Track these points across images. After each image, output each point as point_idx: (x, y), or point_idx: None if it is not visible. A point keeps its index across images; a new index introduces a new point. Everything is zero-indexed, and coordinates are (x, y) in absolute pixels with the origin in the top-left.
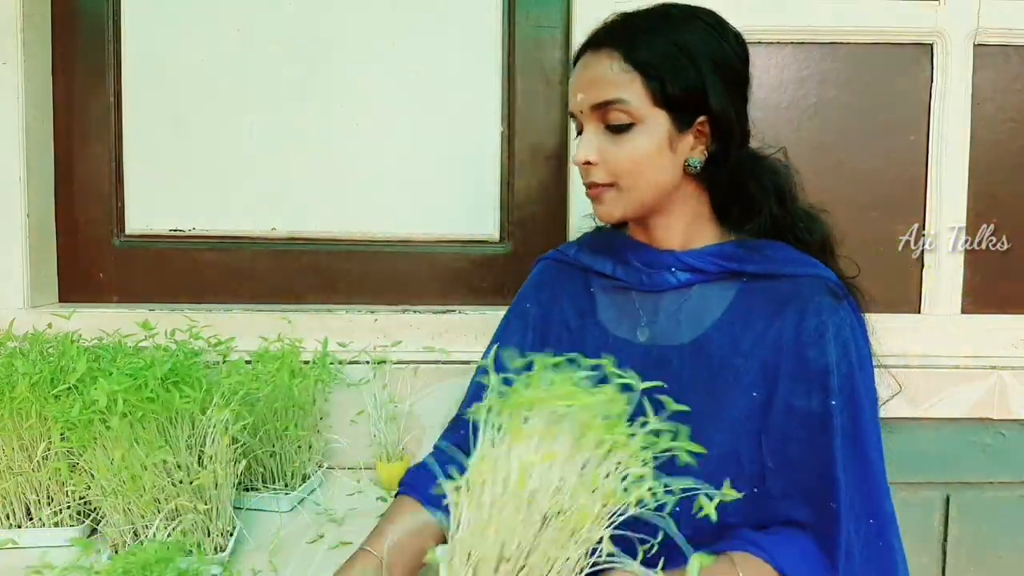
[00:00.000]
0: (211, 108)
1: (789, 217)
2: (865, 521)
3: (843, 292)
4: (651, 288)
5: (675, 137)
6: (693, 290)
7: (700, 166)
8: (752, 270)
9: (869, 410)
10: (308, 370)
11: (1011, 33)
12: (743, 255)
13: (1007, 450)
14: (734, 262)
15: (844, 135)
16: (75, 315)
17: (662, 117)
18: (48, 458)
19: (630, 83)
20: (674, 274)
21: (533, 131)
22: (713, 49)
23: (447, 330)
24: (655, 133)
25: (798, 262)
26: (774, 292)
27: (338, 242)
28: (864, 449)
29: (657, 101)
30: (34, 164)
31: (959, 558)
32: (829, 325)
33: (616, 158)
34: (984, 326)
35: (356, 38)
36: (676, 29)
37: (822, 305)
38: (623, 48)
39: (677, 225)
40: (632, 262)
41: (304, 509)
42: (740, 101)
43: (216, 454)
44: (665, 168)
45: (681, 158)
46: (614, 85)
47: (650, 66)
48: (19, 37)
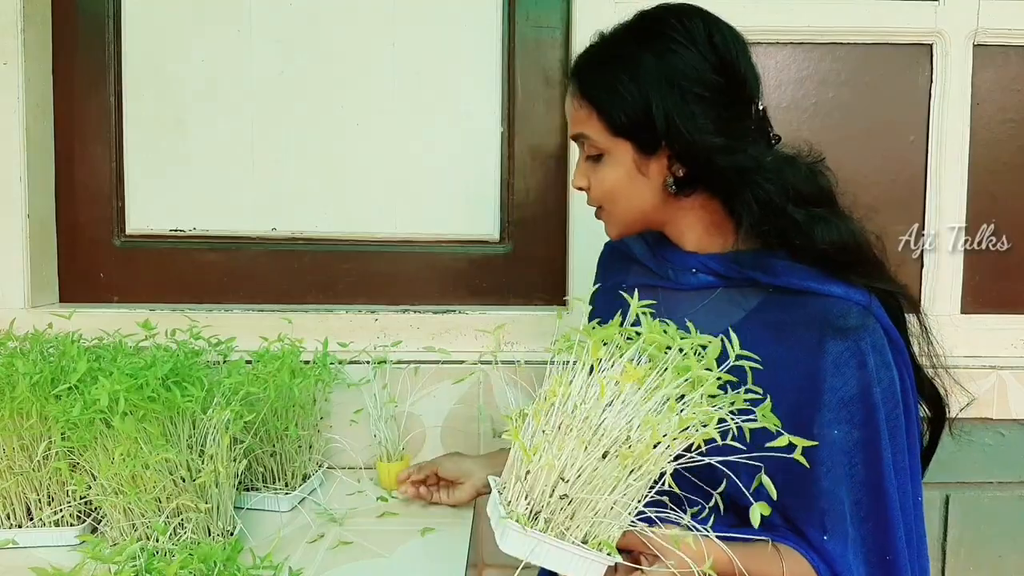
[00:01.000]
0: (211, 108)
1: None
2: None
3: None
4: (676, 285)
5: (642, 162)
6: (715, 293)
7: (675, 187)
8: (768, 282)
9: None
10: (308, 370)
11: (1011, 33)
12: (757, 264)
13: (1007, 450)
14: (749, 269)
15: (844, 135)
16: (75, 315)
17: (624, 145)
18: (49, 458)
19: (588, 118)
20: (695, 275)
21: (533, 131)
22: (669, 67)
23: (447, 330)
24: (620, 162)
25: (818, 279)
26: (794, 309)
27: (338, 242)
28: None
29: (613, 131)
30: (34, 164)
31: (959, 558)
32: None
33: (596, 186)
34: (984, 326)
35: (356, 38)
36: (628, 53)
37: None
38: (578, 83)
39: (690, 234)
40: (660, 256)
41: (304, 509)
42: (716, 111)
43: (217, 454)
44: (640, 192)
45: (658, 179)
46: (577, 121)
47: (599, 99)
48: (19, 37)
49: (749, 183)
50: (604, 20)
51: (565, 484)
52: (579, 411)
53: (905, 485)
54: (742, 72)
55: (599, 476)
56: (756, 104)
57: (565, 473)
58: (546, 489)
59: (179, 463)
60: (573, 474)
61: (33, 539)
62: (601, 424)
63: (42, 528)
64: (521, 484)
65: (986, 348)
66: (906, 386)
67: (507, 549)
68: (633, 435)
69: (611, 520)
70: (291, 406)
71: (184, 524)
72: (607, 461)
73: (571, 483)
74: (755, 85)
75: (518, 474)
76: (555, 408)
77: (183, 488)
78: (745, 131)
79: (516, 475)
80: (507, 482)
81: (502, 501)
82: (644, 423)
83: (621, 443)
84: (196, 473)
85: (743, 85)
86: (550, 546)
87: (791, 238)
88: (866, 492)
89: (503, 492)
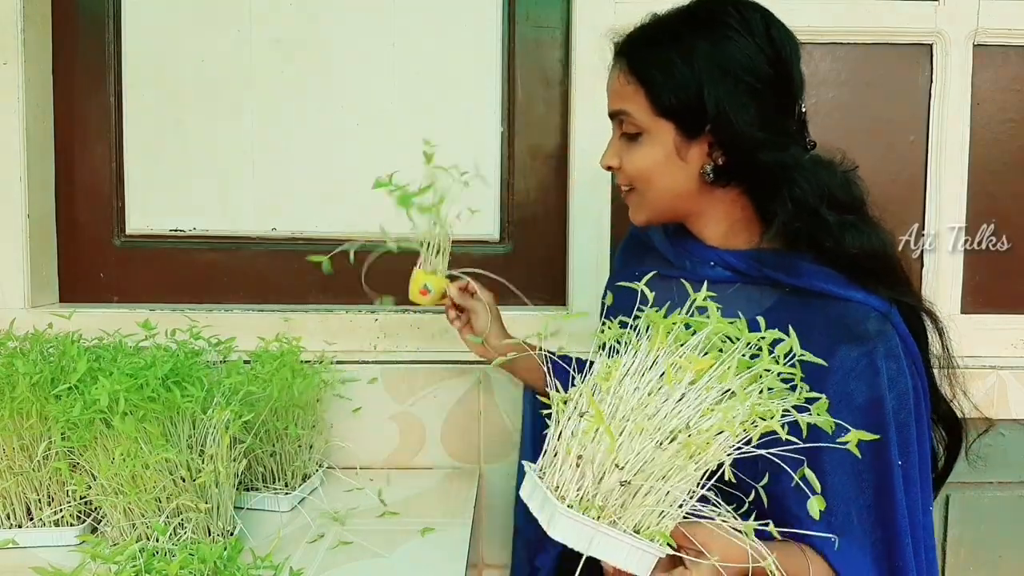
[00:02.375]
0: (211, 108)
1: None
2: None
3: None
4: (692, 276)
5: (683, 146)
6: (733, 288)
7: (712, 175)
8: (789, 282)
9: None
10: (308, 370)
11: (1011, 33)
12: (779, 263)
13: (1007, 450)
14: (768, 268)
15: (844, 135)
16: (75, 315)
17: (667, 127)
18: (49, 458)
19: (633, 94)
20: (713, 268)
21: (533, 131)
22: (725, 54)
23: (447, 330)
24: (661, 143)
25: (838, 282)
26: (810, 311)
27: (338, 242)
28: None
29: (659, 112)
30: (34, 164)
31: (959, 558)
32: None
33: (630, 164)
34: (984, 326)
35: (356, 38)
36: (685, 36)
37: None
38: (628, 58)
39: (714, 227)
40: (679, 247)
41: (304, 509)
42: (764, 104)
43: (217, 453)
44: (676, 176)
45: (695, 166)
46: (620, 96)
47: (649, 78)
48: (19, 37)
49: (787, 181)
50: (604, 20)
51: (620, 471)
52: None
53: (915, 495)
54: (793, 70)
55: (655, 465)
56: (800, 105)
57: (620, 460)
58: (600, 476)
59: (179, 463)
60: (631, 462)
61: (33, 539)
62: (659, 412)
63: (42, 528)
64: (572, 470)
65: (986, 348)
66: (919, 398)
67: (558, 536)
68: (693, 424)
69: (663, 510)
70: (291, 406)
71: (184, 524)
72: (663, 450)
73: (627, 471)
74: (800, 86)
75: (566, 459)
76: (610, 394)
77: (183, 488)
78: (788, 129)
79: (563, 460)
80: (546, 466)
81: (548, 486)
82: (707, 412)
83: (680, 432)
84: (196, 473)
85: (792, 83)
86: (604, 535)
87: (821, 240)
88: (875, 499)
89: (544, 477)
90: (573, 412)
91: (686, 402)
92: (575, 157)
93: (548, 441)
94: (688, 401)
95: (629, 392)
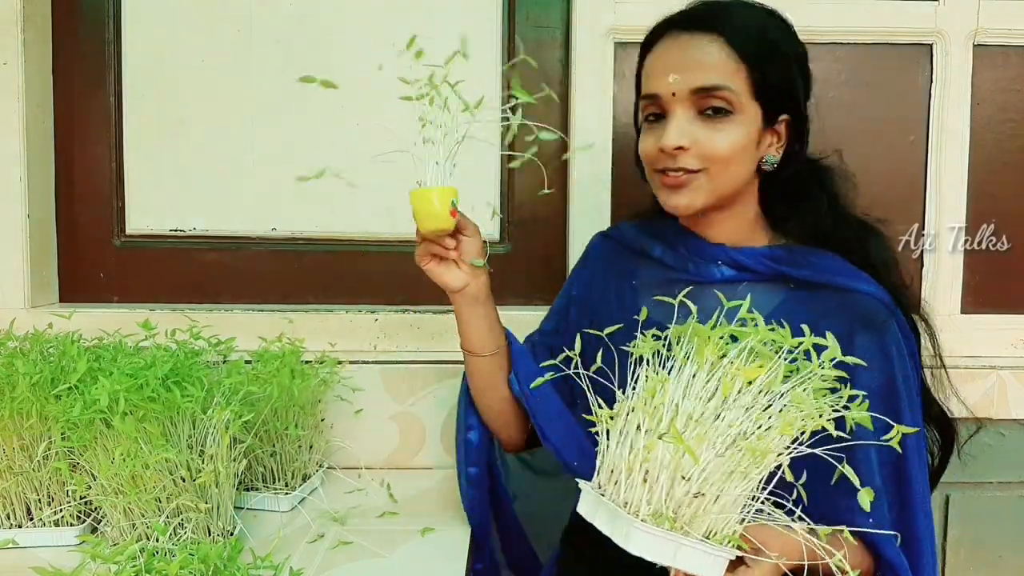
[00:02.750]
0: (211, 108)
1: (841, 225)
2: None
3: (890, 311)
4: (696, 279)
5: (761, 132)
6: (740, 288)
7: (775, 164)
8: (800, 276)
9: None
10: (309, 370)
11: (1011, 33)
12: (792, 260)
13: (1006, 450)
14: (784, 265)
15: (844, 135)
16: (75, 315)
17: (756, 110)
18: (49, 458)
19: (736, 72)
20: (720, 267)
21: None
22: (795, 48)
23: (447, 330)
24: (749, 125)
25: (847, 274)
26: (821, 303)
27: (338, 242)
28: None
29: (755, 94)
30: (34, 164)
31: (959, 558)
32: (872, 345)
33: (712, 145)
34: (984, 326)
35: (356, 38)
36: (768, 24)
37: (868, 324)
38: (728, 35)
39: (733, 223)
40: (680, 249)
41: (304, 509)
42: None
43: (217, 453)
44: (748, 162)
45: (760, 154)
46: (719, 71)
47: (754, 57)
48: (19, 37)
49: (823, 180)
50: (604, 20)
51: (687, 482)
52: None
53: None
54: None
55: (719, 472)
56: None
57: (686, 472)
58: (668, 488)
59: (179, 463)
60: (696, 472)
61: (33, 539)
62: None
63: (42, 528)
64: (641, 485)
65: (986, 348)
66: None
67: (637, 551)
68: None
69: (729, 514)
70: (291, 406)
71: (184, 524)
72: (725, 458)
73: (695, 481)
74: None
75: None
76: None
77: (183, 488)
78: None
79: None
80: (604, 482)
81: (616, 502)
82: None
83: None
84: (196, 473)
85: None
86: (682, 545)
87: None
88: (892, 480)
89: (606, 494)
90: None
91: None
92: (575, 157)
93: (601, 457)
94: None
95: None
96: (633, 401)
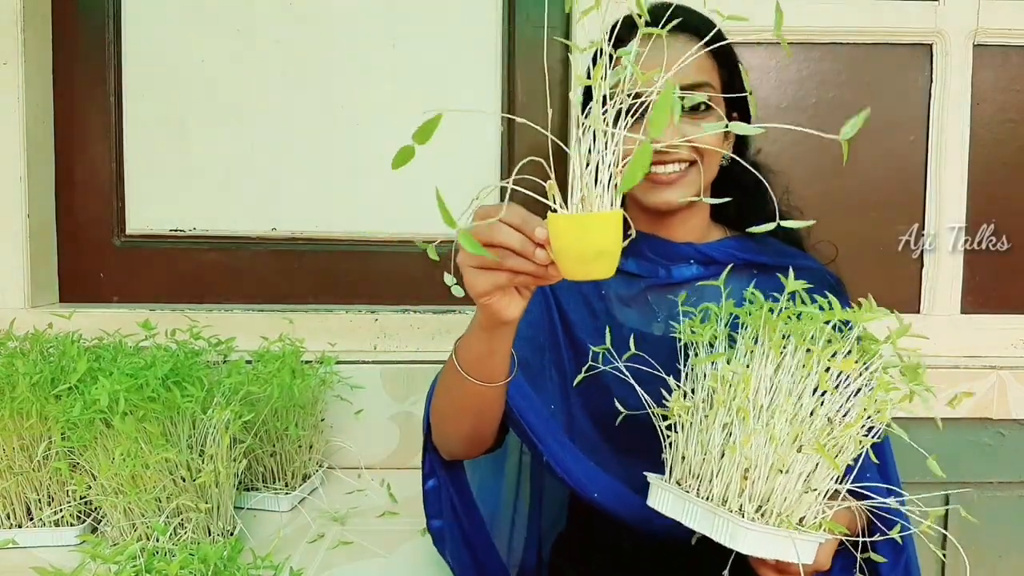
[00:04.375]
0: (211, 108)
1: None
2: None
3: (835, 278)
4: (667, 281)
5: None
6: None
7: (729, 161)
8: (761, 262)
9: None
10: (309, 370)
11: (1010, 33)
12: (755, 248)
13: (1006, 450)
14: (748, 254)
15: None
16: (75, 315)
17: (724, 107)
18: (49, 458)
19: (712, 70)
20: (691, 265)
21: (533, 131)
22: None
23: (447, 330)
24: (722, 120)
25: (795, 255)
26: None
27: (338, 242)
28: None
29: (724, 90)
30: (35, 164)
31: (959, 558)
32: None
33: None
34: (984, 326)
35: (356, 38)
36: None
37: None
38: (702, 36)
39: (696, 221)
40: (647, 254)
41: (304, 509)
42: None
43: (217, 453)
44: (719, 156)
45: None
46: (700, 69)
47: (723, 57)
48: (19, 37)
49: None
50: (604, 21)
51: (784, 475)
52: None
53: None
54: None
55: (810, 463)
56: None
57: (783, 465)
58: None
59: (179, 463)
60: (791, 464)
61: (33, 539)
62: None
63: (42, 528)
64: (737, 483)
65: (986, 348)
66: None
67: (747, 550)
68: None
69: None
70: (291, 406)
71: (184, 524)
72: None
73: (791, 474)
74: None
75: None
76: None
77: (183, 488)
78: None
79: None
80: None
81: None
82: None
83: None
84: (196, 473)
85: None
86: (786, 538)
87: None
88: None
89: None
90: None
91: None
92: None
93: (673, 449)
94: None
95: (762, 396)
96: (705, 393)
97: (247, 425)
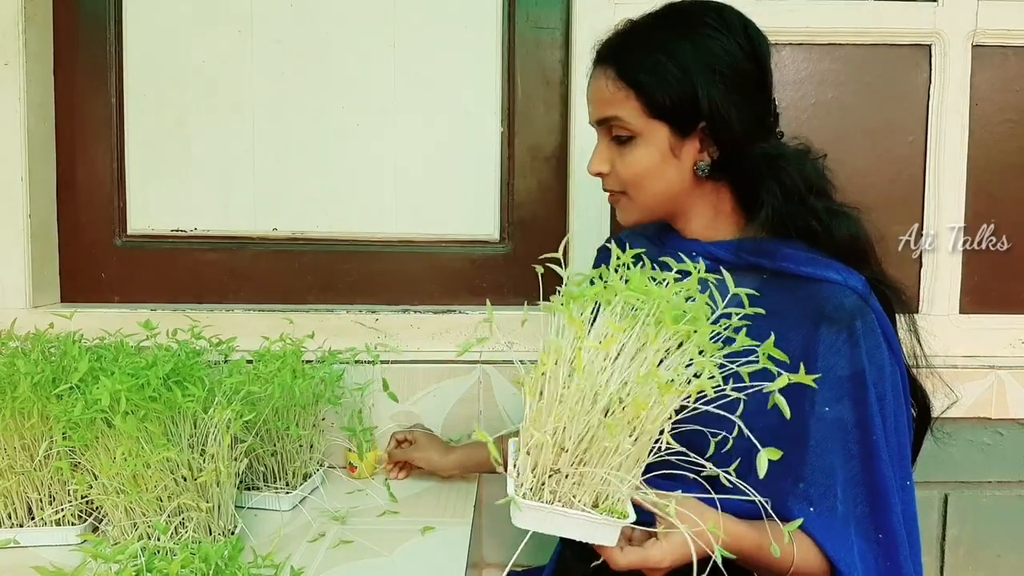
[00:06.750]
0: (211, 108)
1: (809, 214)
2: (875, 536)
3: (862, 298)
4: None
5: (677, 145)
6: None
7: (707, 169)
8: (770, 266)
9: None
10: (309, 370)
11: (1009, 34)
12: (761, 250)
13: (1005, 449)
14: (753, 256)
15: (843, 135)
16: (77, 315)
17: (660, 128)
18: (50, 457)
19: (625, 99)
20: (696, 260)
21: (533, 131)
22: (710, 53)
23: (447, 330)
24: (655, 144)
25: (816, 264)
26: (791, 292)
27: (338, 242)
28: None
29: (652, 114)
30: (36, 164)
31: (958, 558)
32: (837, 337)
33: (624, 168)
34: (983, 326)
35: (356, 39)
36: (669, 38)
37: (834, 314)
38: (616, 64)
39: (699, 220)
40: (661, 245)
41: (305, 508)
42: (748, 99)
43: (218, 453)
44: (670, 176)
45: (689, 162)
46: (609, 103)
47: (641, 81)
48: (20, 38)
49: (776, 170)
50: (604, 21)
51: (567, 453)
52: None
53: (895, 466)
54: (768, 65)
55: (598, 441)
56: (774, 99)
57: (563, 443)
58: (549, 460)
59: (180, 462)
60: (572, 442)
61: (34, 538)
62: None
63: (43, 527)
64: (526, 458)
65: (985, 348)
66: (895, 371)
67: (522, 524)
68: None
69: (618, 484)
70: (292, 406)
71: (185, 523)
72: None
73: (571, 451)
74: (772, 80)
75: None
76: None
77: (184, 487)
78: (767, 122)
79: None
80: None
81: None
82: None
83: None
84: (197, 472)
85: (769, 77)
86: (558, 515)
87: (811, 227)
88: (861, 470)
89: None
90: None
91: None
92: (575, 157)
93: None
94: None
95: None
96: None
97: (248, 425)
